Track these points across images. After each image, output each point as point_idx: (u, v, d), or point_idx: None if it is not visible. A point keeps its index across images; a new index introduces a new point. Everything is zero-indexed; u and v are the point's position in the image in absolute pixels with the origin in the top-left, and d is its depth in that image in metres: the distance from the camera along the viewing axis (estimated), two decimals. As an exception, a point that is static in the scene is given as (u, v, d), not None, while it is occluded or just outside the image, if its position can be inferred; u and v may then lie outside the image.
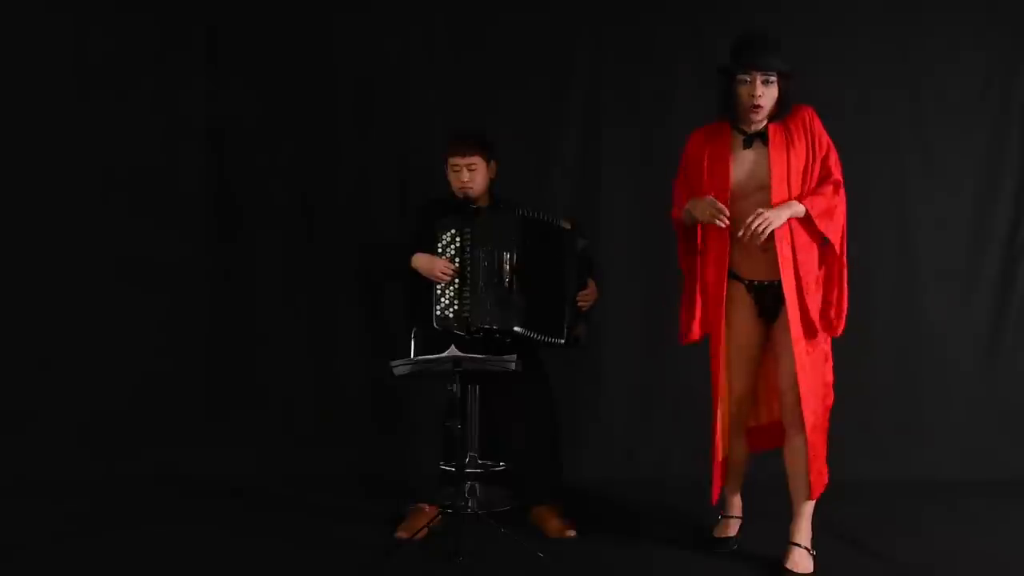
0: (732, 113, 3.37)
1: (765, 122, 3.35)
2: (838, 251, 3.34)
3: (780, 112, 3.34)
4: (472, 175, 3.80)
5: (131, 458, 4.47)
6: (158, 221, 4.59)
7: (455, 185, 3.83)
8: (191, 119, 4.59)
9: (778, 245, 3.26)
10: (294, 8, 4.58)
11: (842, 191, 3.35)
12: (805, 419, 3.30)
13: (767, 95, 3.29)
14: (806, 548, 3.37)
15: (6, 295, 4.54)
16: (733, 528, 3.64)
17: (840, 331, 3.37)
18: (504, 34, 4.59)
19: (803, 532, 3.39)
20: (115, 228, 4.57)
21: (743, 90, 3.30)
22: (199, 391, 4.61)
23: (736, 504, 3.66)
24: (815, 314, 3.31)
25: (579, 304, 3.82)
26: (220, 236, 4.62)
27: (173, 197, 4.59)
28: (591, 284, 3.88)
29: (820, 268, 3.36)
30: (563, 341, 3.74)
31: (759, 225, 3.21)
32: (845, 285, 3.36)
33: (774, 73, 3.28)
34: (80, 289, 4.56)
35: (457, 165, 3.81)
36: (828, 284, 3.35)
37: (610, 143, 4.61)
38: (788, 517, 3.41)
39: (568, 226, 3.81)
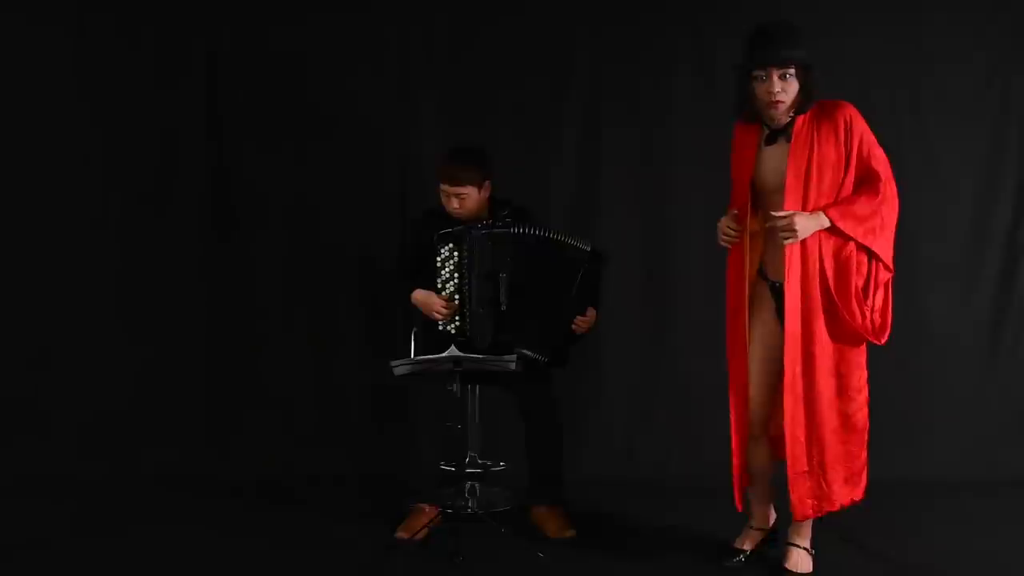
0: (751, 112, 3.19)
1: (792, 117, 3.16)
2: (883, 257, 3.20)
3: (804, 104, 3.13)
4: (462, 201, 3.71)
5: (131, 458, 4.47)
6: (158, 221, 4.58)
7: (445, 207, 3.76)
8: (191, 119, 4.58)
9: (787, 247, 3.11)
10: (293, 7, 4.58)
11: (889, 190, 3.20)
12: (826, 447, 3.17)
13: (786, 90, 3.08)
14: (806, 548, 3.37)
15: (6, 296, 4.53)
16: (750, 541, 3.46)
17: (884, 339, 3.23)
18: (504, 34, 4.58)
19: (803, 532, 3.38)
20: (115, 228, 4.57)
21: (760, 87, 3.10)
22: (199, 391, 4.61)
23: (760, 514, 3.47)
24: (856, 319, 3.16)
25: (573, 327, 3.75)
26: (220, 236, 4.61)
27: (173, 197, 4.58)
28: (591, 311, 3.78)
29: (870, 272, 3.21)
30: (545, 360, 3.71)
31: (784, 229, 3.05)
32: (889, 293, 3.26)
33: (792, 66, 3.08)
34: (81, 289, 4.55)
35: (446, 192, 3.72)
36: (868, 289, 3.21)
37: (610, 143, 4.60)
38: (788, 517, 3.40)
39: (585, 245, 3.71)
